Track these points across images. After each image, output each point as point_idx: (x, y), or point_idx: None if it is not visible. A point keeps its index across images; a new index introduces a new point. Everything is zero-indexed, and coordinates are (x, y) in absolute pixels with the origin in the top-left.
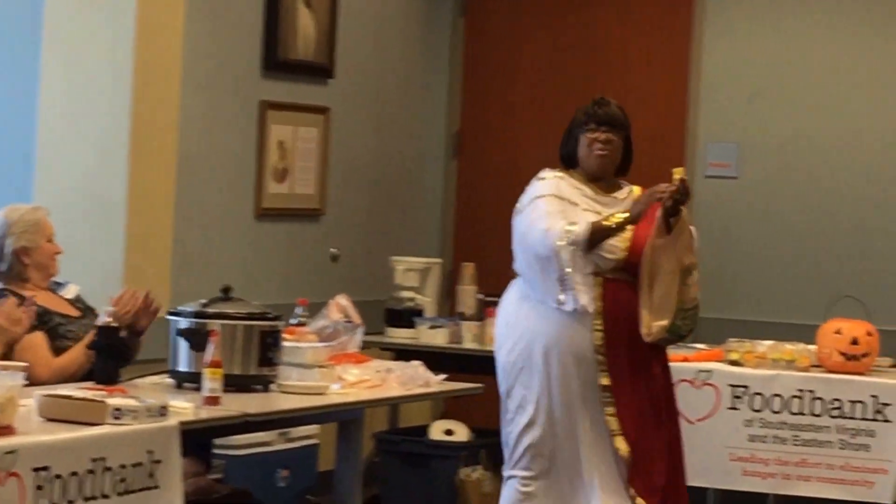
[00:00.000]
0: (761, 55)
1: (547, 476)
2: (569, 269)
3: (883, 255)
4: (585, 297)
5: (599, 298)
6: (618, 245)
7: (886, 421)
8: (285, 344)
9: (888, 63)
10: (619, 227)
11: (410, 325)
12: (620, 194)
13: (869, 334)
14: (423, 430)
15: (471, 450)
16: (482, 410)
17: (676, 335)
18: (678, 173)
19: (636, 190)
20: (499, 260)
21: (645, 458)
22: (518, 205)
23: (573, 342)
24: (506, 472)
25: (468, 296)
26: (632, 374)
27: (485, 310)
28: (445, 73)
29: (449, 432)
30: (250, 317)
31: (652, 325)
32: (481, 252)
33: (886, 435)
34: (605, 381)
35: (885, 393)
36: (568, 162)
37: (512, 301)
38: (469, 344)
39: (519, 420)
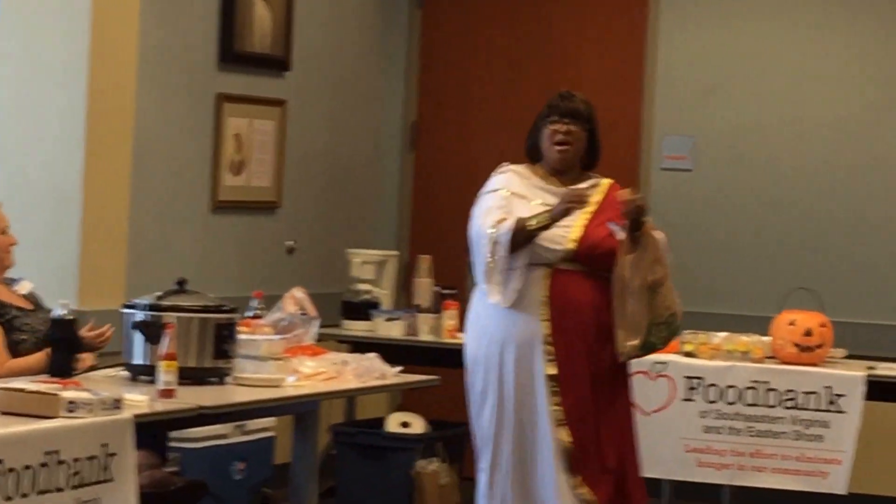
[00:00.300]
0: (717, 49)
1: (508, 467)
2: (490, 264)
3: (837, 247)
4: (498, 295)
5: (547, 289)
6: (564, 236)
7: (840, 412)
8: (241, 337)
9: (842, 56)
10: (541, 227)
11: (367, 318)
12: (579, 186)
13: (822, 325)
14: (379, 423)
15: (427, 442)
16: (439, 403)
17: (651, 350)
18: (624, 195)
19: (604, 182)
20: (455, 252)
21: (591, 448)
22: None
23: (523, 333)
24: (477, 465)
25: (424, 288)
26: (579, 363)
27: (441, 302)
28: (402, 65)
29: (405, 424)
30: (205, 309)
31: (625, 344)
32: (438, 244)
33: (840, 425)
34: (552, 370)
35: (839, 384)
36: (533, 154)
37: (475, 294)
38: (425, 336)
39: (482, 412)
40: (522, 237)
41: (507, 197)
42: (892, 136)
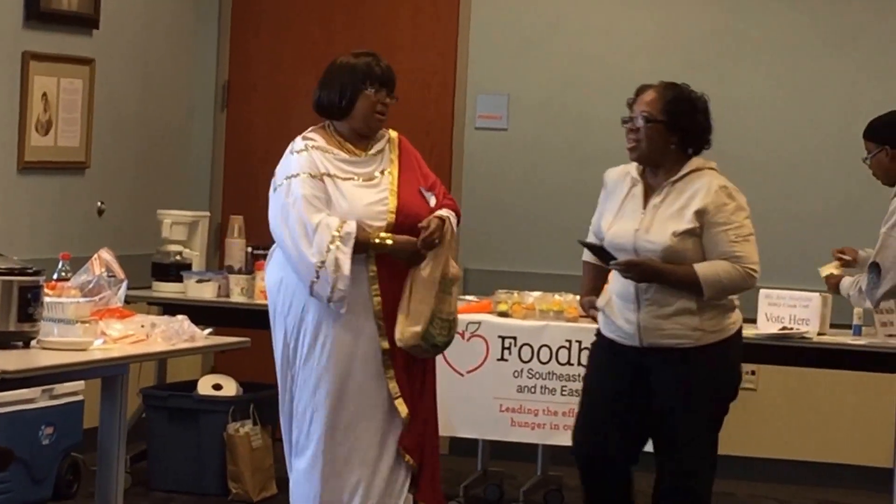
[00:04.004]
0: (531, 6)
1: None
2: (333, 273)
3: None
4: (341, 301)
5: (374, 264)
6: (382, 209)
7: None
8: (47, 299)
9: (655, 11)
10: (379, 248)
11: (178, 280)
12: (376, 147)
13: None
14: (192, 386)
15: (239, 404)
16: (251, 365)
17: (431, 344)
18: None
19: (393, 137)
20: (267, 213)
21: (417, 419)
22: (274, 179)
23: (353, 310)
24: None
25: (237, 249)
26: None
27: (254, 263)
28: (214, 24)
29: (217, 387)
30: (9, 272)
31: (405, 330)
32: (250, 205)
33: None
34: (385, 345)
35: None
36: (333, 112)
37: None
38: (237, 297)
39: (309, 399)
40: (359, 250)
41: (315, 179)
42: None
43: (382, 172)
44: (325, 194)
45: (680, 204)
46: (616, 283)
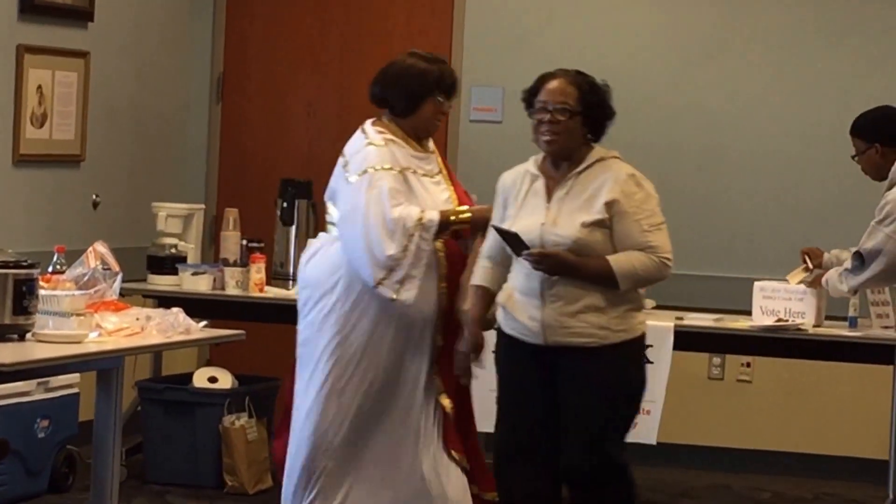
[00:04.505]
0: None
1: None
2: (410, 264)
3: None
4: (411, 293)
5: (445, 259)
6: (451, 207)
7: (649, 362)
8: (42, 292)
9: (653, 9)
10: (460, 222)
11: (173, 272)
12: (431, 146)
13: None
14: (188, 378)
15: (234, 397)
16: (246, 358)
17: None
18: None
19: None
20: (262, 205)
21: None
22: (345, 166)
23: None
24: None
25: (232, 242)
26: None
27: (249, 255)
28: (209, 17)
29: (213, 380)
30: (4, 265)
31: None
32: (245, 198)
33: (650, 376)
34: (440, 341)
35: (648, 334)
36: (398, 110)
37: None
38: (232, 290)
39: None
40: (443, 228)
41: (397, 174)
42: (700, 86)
43: (439, 171)
44: (407, 188)
45: (587, 195)
46: (518, 279)
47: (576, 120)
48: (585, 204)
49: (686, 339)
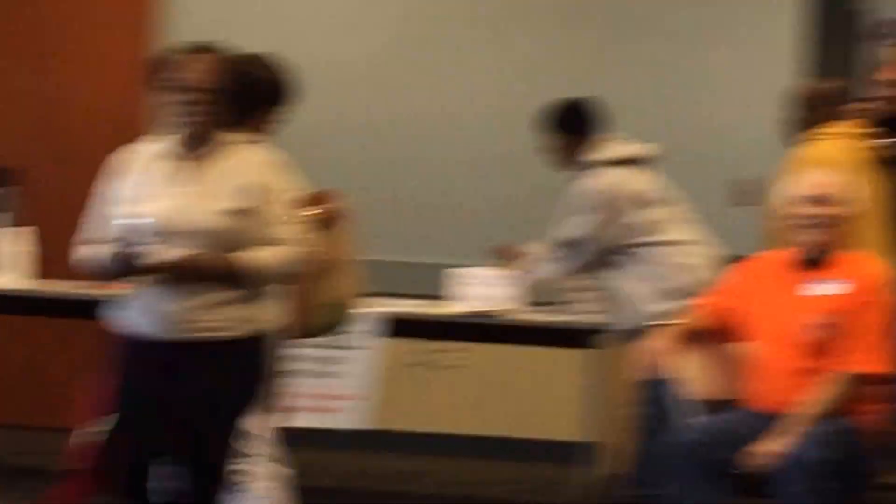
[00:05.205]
0: (230, 14)
1: None
2: None
3: (359, 183)
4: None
5: None
6: None
7: (356, 348)
8: None
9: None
10: None
11: None
12: None
13: None
14: None
15: None
16: None
17: None
18: None
19: None
20: None
21: None
22: None
23: None
24: None
25: None
26: None
27: None
28: None
29: None
30: None
31: None
32: None
33: (356, 362)
34: None
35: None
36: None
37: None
38: None
39: None
40: None
41: None
42: (405, 82)
43: None
44: None
45: (222, 180)
46: None
47: (216, 99)
48: (219, 190)
49: (399, 326)
